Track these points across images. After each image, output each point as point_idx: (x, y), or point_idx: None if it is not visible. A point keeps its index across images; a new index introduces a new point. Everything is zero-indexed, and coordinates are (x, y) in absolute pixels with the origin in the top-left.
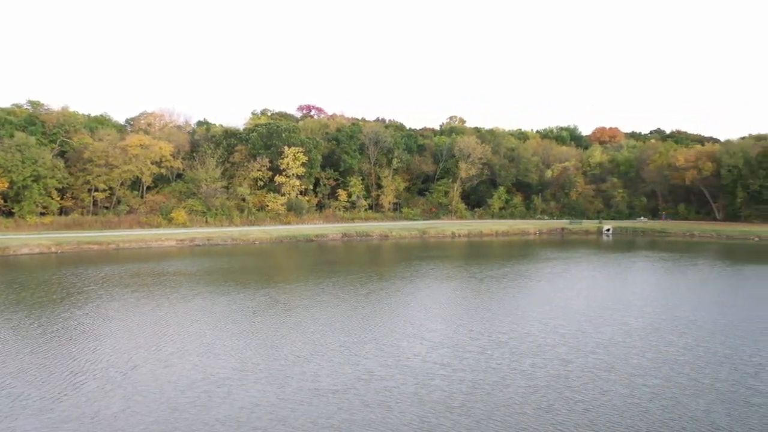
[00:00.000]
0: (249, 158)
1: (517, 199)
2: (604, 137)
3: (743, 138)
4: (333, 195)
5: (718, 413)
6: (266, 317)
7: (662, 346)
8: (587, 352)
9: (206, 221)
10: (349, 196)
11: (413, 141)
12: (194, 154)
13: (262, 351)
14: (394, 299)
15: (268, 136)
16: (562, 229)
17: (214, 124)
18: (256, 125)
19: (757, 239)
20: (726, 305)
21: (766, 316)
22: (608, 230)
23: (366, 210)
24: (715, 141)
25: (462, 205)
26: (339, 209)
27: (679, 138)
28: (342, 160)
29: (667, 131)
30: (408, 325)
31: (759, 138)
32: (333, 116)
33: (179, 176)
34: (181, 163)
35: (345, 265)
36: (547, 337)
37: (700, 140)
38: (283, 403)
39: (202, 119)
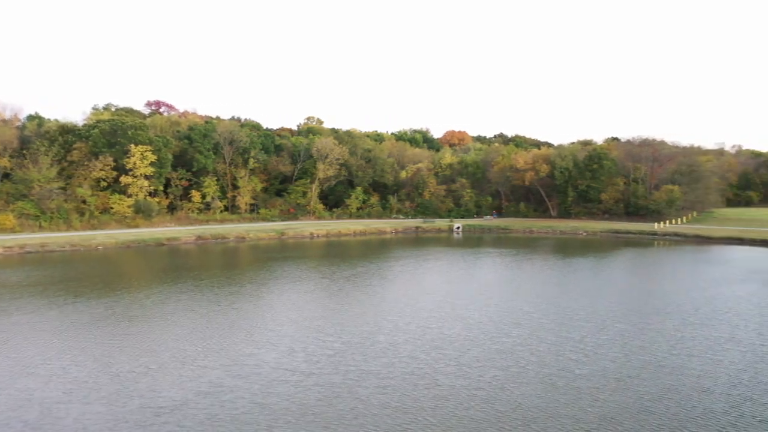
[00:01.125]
0: (90, 157)
1: (374, 199)
2: (454, 140)
3: (572, 143)
4: (186, 196)
5: (541, 398)
6: (101, 330)
7: (499, 338)
8: (433, 348)
9: (40, 226)
10: (204, 197)
11: (270, 141)
12: (24, 152)
13: (94, 368)
14: (245, 304)
15: (112, 134)
16: (417, 227)
17: (48, 119)
18: (98, 121)
19: (584, 234)
20: (556, 297)
21: (588, 305)
22: (458, 228)
23: (221, 211)
24: (550, 145)
25: (320, 206)
26: (192, 211)
27: (519, 142)
28: (195, 159)
29: (509, 135)
30: (259, 331)
31: (585, 143)
32: (185, 113)
33: (6, 176)
34: (8, 161)
35: (197, 269)
36: (397, 335)
37: (537, 144)
38: (118, 425)
39: (33, 113)
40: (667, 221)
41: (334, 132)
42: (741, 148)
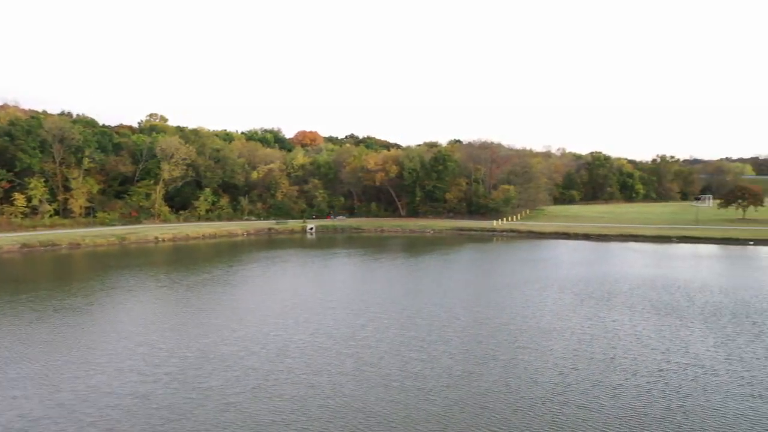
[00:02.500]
0: None
1: (224, 200)
2: (306, 140)
3: (419, 145)
4: (7, 200)
5: (383, 400)
6: None
7: (346, 342)
8: (280, 357)
9: None
10: (29, 200)
11: (108, 139)
12: None
13: None
14: (69, 320)
15: None
16: (269, 229)
17: None
18: None
19: (431, 232)
20: (401, 296)
21: (432, 302)
22: (311, 229)
23: (51, 216)
24: (399, 147)
25: (166, 208)
26: (16, 216)
27: (370, 143)
28: (17, 158)
29: (360, 136)
30: (83, 351)
31: (431, 145)
32: (4, 107)
33: None
34: None
35: (17, 282)
36: (241, 346)
37: (387, 146)
38: None
39: None
40: (505, 218)
41: (180, 130)
42: (565, 150)
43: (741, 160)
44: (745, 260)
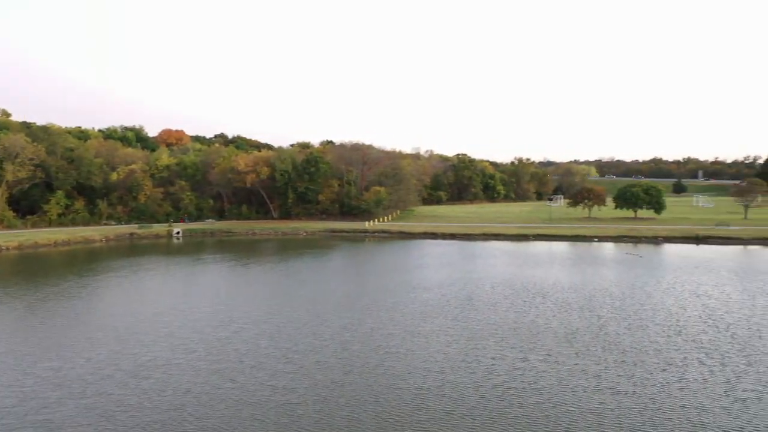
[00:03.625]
0: None
1: (80, 204)
2: (171, 140)
3: (292, 146)
4: None
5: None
6: None
7: (206, 358)
8: (135, 379)
9: None
10: None
11: None
12: None
13: None
14: None
15: None
16: (132, 234)
17: None
18: None
19: (304, 234)
20: (270, 304)
21: (300, 308)
22: (178, 233)
23: None
24: (270, 148)
25: (10, 213)
26: None
27: (240, 143)
28: None
29: (230, 136)
30: None
31: (303, 146)
32: None
33: None
34: None
35: None
36: (89, 369)
37: (258, 146)
38: None
39: None
40: (377, 219)
41: (27, 127)
42: (433, 152)
43: (587, 163)
44: (590, 256)
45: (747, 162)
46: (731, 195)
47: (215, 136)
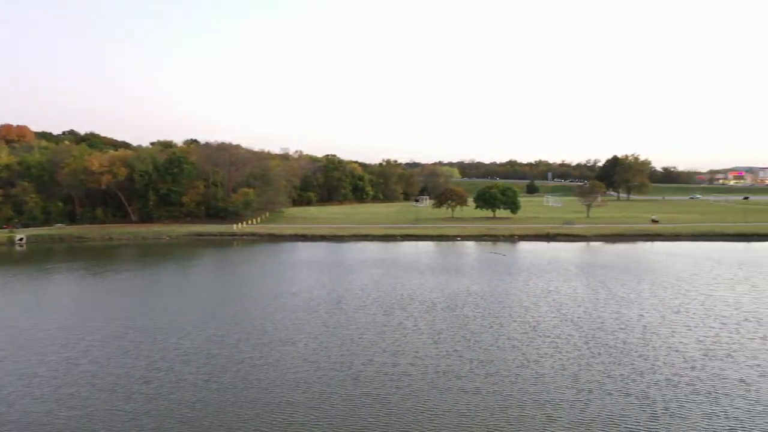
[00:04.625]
0: None
1: None
2: (12, 136)
3: (152, 144)
4: None
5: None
6: None
7: (40, 386)
8: None
9: None
10: None
11: None
12: None
13: None
14: None
15: None
16: None
17: None
18: None
19: (167, 238)
20: (125, 316)
21: (157, 323)
22: (21, 239)
23: None
24: (128, 146)
25: None
26: None
27: (93, 142)
28: None
29: (82, 133)
30: None
31: (165, 145)
32: None
33: None
34: None
35: None
36: None
37: (115, 145)
38: None
39: None
40: (245, 222)
41: None
42: (302, 153)
43: (450, 164)
44: (455, 255)
45: (589, 165)
46: (576, 195)
47: (64, 133)
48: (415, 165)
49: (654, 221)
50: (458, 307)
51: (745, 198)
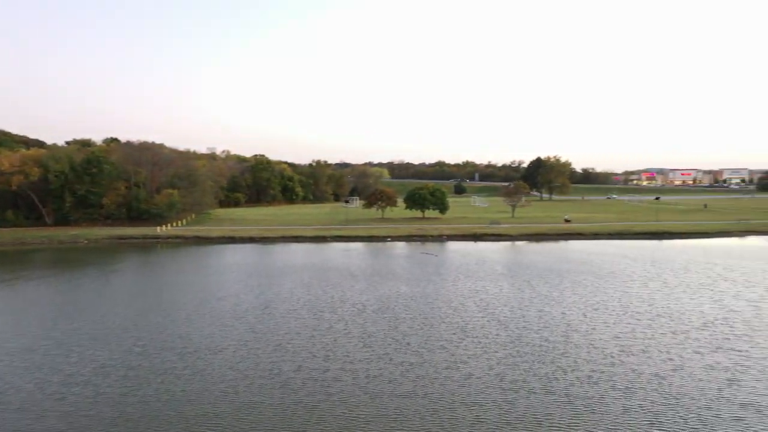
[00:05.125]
0: None
1: None
2: None
3: (68, 143)
4: None
5: None
6: None
7: None
8: None
9: None
10: None
11: None
12: None
13: None
14: None
15: None
16: None
17: None
18: None
19: (85, 242)
20: (34, 330)
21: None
22: None
23: None
24: (42, 145)
25: None
26: None
27: (3, 140)
28: None
29: None
30: None
31: (83, 144)
32: None
33: None
34: None
35: None
36: None
37: (27, 143)
38: None
39: None
40: (170, 224)
41: None
42: (229, 153)
43: (380, 165)
44: (384, 256)
45: (514, 166)
46: (501, 195)
47: None
48: (345, 165)
49: (567, 221)
50: (389, 308)
51: (657, 198)
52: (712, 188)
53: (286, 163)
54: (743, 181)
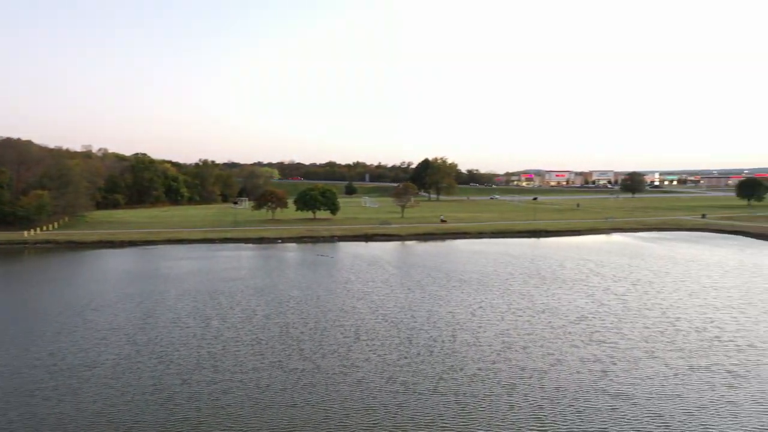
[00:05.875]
0: None
1: None
2: None
3: None
4: None
5: None
6: None
7: None
8: None
9: None
10: None
11: None
12: None
13: None
14: None
15: None
16: None
17: None
18: None
19: None
20: None
21: None
22: None
23: None
24: None
25: None
26: None
27: None
28: None
29: None
30: None
31: None
32: None
33: None
34: None
35: None
36: None
37: None
38: None
39: None
40: (39, 228)
41: None
42: (107, 151)
43: (270, 165)
44: (275, 259)
45: (403, 167)
46: (391, 196)
47: None
48: (233, 165)
49: (443, 221)
50: (280, 313)
51: (534, 198)
52: (584, 188)
53: (170, 162)
54: (609, 182)
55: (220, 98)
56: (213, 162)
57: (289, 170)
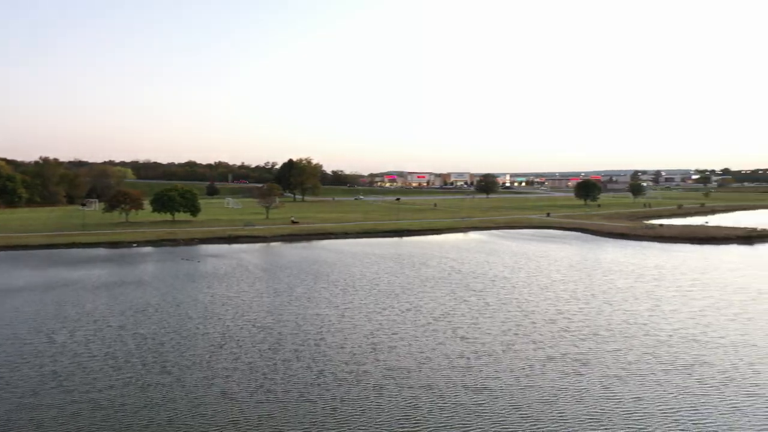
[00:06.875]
0: None
1: None
2: None
3: None
4: None
5: None
6: None
7: None
8: None
9: None
10: None
11: None
12: None
13: None
14: None
15: None
16: None
17: None
18: None
19: None
20: None
21: None
22: None
23: None
24: None
25: None
26: None
27: None
28: None
29: None
30: None
31: None
32: None
33: None
34: None
35: None
36: None
37: None
38: None
39: None
40: None
41: None
42: None
43: (123, 164)
44: (129, 264)
45: (267, 167)
46: (255, 197)
47: None
48: (80, 164)
49: (294, 222)
50: (137, 323)
51: (397, 199)
52: (443, 189)
53: (4, 160)
54: (466, 183)
55: (66, 91)
56: (56, 160)
57: (145, 170)
